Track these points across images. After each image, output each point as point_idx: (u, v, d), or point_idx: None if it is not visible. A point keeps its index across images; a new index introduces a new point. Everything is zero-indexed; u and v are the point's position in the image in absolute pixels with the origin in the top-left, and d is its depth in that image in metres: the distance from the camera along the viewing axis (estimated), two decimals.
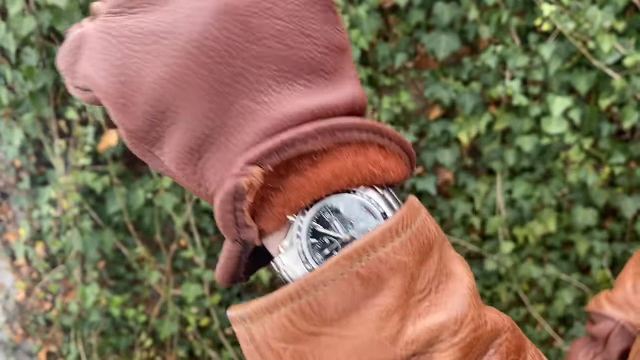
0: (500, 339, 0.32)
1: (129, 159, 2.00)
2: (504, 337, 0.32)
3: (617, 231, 1.79)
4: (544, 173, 1.81)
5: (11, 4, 1.64)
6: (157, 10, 0.30)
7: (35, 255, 2.03)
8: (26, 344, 2.23)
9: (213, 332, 2.03)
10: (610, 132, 1.71)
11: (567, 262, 1.84)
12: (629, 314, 0.77)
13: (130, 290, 2.07)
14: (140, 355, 2.05)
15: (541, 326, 1.86)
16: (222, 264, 0.33)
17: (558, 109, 1.62)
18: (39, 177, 2.03)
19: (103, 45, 0.31)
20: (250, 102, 0.30)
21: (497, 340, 0.32)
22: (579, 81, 1.66)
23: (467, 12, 1.66)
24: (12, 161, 2.03)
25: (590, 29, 1.56)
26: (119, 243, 1.98)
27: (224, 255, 0.33)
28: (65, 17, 1.63)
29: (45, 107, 1.80)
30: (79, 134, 1.77)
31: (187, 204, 1.90)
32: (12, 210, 2.12)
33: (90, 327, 1.98)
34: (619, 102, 1.65)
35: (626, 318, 0.77)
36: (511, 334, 0.33)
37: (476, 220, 1.84)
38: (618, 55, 1.58)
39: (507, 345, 0.32)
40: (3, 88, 1.80)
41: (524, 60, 1.66)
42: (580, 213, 1.75)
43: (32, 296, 2.15)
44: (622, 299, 0.78)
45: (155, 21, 0.30)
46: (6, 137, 1.84)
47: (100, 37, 0.32)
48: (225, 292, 2.05)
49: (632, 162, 1.75)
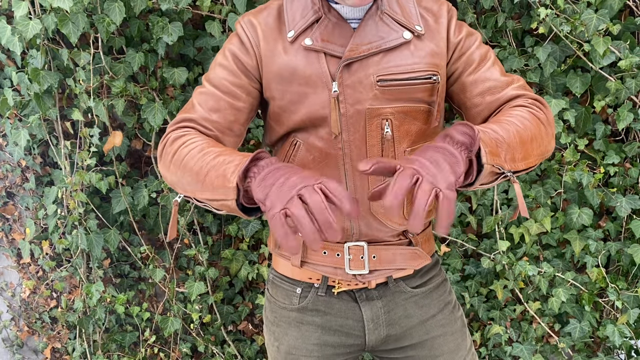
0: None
1: (133, 159, 2.03)
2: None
3: (612, 230, 1.81)
4: (540, 173, 1.84)
5: (17, 7, 1.67)
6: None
7: (40, 254, 2.06)
8: (31, 340, 2.26)
9: (216, 328, 2.06)
10: (604, 132, 1.73)
11: (562, 261, 1.87)
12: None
13: (134, 287, 2.10)
14: (144, 351, 2.08)
15: (537, 323, 1.89)
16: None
17: (553, 110, 1.64)
18: (45, 177, 2.06)
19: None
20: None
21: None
22: (574, 83, 1.69)
23: (464, 15, 1.69)
24: (18, 161, 2.06)
25: (586, 32, 1.59)
26: (124, 241, 2.01)
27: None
28: (70, 20, 1.66)
29: (50, 109, 1.82)
30: (84, 135, 1.80)
31: (191, 203, 1.92)
32: (18, 209, 2.15)
33: (95, 324, 2.01)
34: (614, 103, 1.67)
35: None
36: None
37: (473, 219, 1.87)
38: (613, 57, 1.61)
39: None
40: (9, 90, 1.82)
41: (520, 62, 1.69)
42: (575, 212, 1.78)
43: (38, 294, 2.17)
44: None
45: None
46: (12, 138, 1.87)
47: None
48: (228, 289, 2.08)
49: (626, 162, 1.78)
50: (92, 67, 1.74)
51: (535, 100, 1.03)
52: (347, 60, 0.99)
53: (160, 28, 1.71)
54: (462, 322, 1.20)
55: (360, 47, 0.99)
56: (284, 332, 1.17)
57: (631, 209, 1.73)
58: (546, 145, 1.00)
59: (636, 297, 1.77)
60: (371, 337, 1.14)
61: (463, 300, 1.93)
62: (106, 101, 1.78)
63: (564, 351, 1.87)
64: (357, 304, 1.13)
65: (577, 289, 1.81)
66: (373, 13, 1.03)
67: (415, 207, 0.73)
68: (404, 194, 0.74)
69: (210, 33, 1.77)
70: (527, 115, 0.98)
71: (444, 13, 1.06)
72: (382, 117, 1.01)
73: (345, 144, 1.02)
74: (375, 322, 1.13)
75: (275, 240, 1.18)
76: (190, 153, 0.95)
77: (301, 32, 1.02)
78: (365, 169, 0.79)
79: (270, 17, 1.06)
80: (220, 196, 0.85)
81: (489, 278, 1.91)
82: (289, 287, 1.16)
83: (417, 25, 1.03)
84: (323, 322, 1.14)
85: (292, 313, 1.16)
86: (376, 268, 1.09)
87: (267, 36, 1.04)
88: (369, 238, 1.08)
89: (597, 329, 1.84)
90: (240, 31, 1.06)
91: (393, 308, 1.13)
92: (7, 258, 2.18)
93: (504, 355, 1.90)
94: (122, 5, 1.67)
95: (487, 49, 1.08)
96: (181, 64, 1.87)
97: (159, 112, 1.79)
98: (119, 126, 1.97)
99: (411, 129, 1.03)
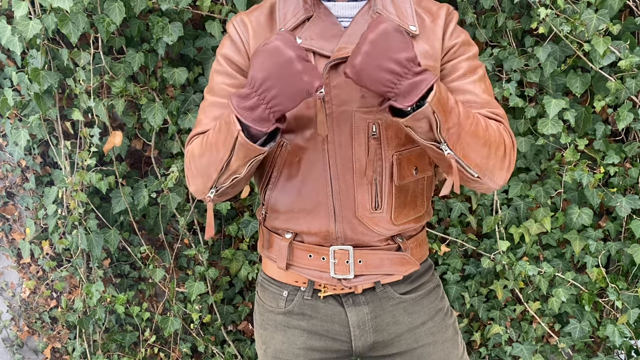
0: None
1: (133, 159, 2.03)
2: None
3: (612, 230, 1.81)
4: (540, 173, 1.84)
5: (17, 7, 1.67)
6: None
7: (40, 254, 2.06)
8: (31, 340, 2.26)
9: (216, 328, 2.06)
10: (604, 132, 1.73)
11: (562, 261, 1.87)
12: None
13: (134, 287, 2.10)
14: (144, 351, 2.08)
15: (537, 323, 1.89)
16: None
17: (553, 110, 1.64)
18: (45, 177, 2.06)
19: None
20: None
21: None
22: (574, 83, 1.69)
23: (464, 15, 1.69)
24: (18, 161, 2.06)
25: (586, 32, 1.59)
26: (124, 241, 2.01)
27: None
28: (70, 20, 1.66)
29: (50, 109, 1.82)
30: (84, 135, 1.80)
31: (190, 203, 1.93)
32: (18, 209, 2.15)
33: (95, 324, 2.01)
34: (614, 103, 1.67)
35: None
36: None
37: (473, 219, 1.87)
38: (613, 57, 1.61)
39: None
40: (9, 90, 1.82)
41: (520, 62, 1.69)
42: (575, 212, 1.78)
43: (38, 294, 2.18)
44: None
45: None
46: (12, 138, 1.87)
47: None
48: (228, 289, 2.08)
49: (626, 162, 1.78)
50: (92, 67, 1.74)
51: (509, 135, 1.02)
52: (333, 60, 0.98)
53: (161, 28, 1.71)
54: (454, 330, 1.17)
55: (349, 47, 0.98)
56: (270, 335, 1.16)
57: (631, 209, 1.73)
58: (494, 168, 0.97)
59: (636, 297, 1.77)
60: (357, 342, 1.12)
61: (463, 300, 1.93)
62: (106, 101, 1.78)
63: (564, 351, 1.87)
64: (343, 309, 1.11)
65: (577, 289, 1.81)
66: (365, 12, 1.02)
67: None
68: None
69: (210, 33, 1.77)
70: (496, 128, 0.98)
71: (442, 14, 1.05)
72: (369, 120, 0.99)
73: (330, 146, 1.01)
74: (361, 328, 1.11)
75: (263, 241, 1.16)
76: (197, 144, 1.01)
77: (291, 31, 1.01)
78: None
79: (262, 15, 1.06)
80: (230, 140, 0.90)
81: (489, 278, 1.91)
82: (276, 289, 1.15)
83: (411, 25, 1.01)
84: (309, 326, 1.12)
85: (278, 317, 1.14)
86: (362, 273, 1.07)
87: (257, 34, 1.04)
88: (354, 242, 1.06)
89: (597, 329, 1.85)
90: (232, 30, 1.06)
91: (380, 314, 1.11)
92: (7, 258, 2.18)
93: (504, 355, 1.90)
94: (122, 5, 1.67)
95: (479, 65, 1.06)
96: (181, 64, 1.87)
97: (159, 112, 1.79)
98: (119, 126, 1.97)
99: (400, 131, 1.01)
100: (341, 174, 1.02)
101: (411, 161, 1.04)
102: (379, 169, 1.02)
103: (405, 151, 1.03)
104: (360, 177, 1.02)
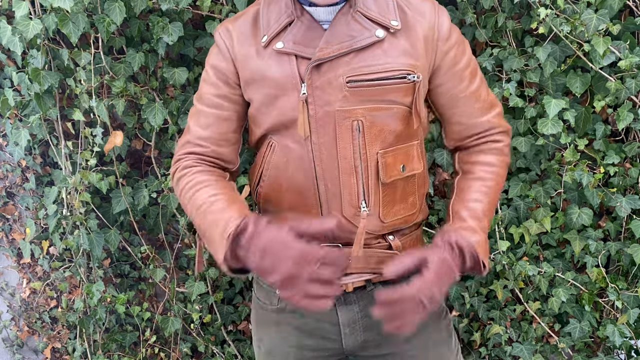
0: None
1: (134, 159, 2.03)
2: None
3: (612, 230, 1.82)
4: (540, 173, 1.84)
5: (17, 7, 1.67)
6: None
7: (41, 254, 2.06)
8: (31, 340, 2.26)
9: (216, 328, 2.06)
10: (604, 132, 1.73)
11: (562, 261, 1.87)
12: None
13: (134, 287, 2.10)
14: (144, 351, 2.08)
15: (537, 323, 1.89)
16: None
17: (553, 110, 1.65)
18: (45, 177, 2.06)
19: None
20: None
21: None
22: (573, 83, 1.69)
23: (464, 15, 1.69)
24: (18, 161, 2.06)
25: (586, 32, 1.59)
26: (124, 241, 2.01)
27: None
28: (70, 20, 1.66)
29: (50, 109, 1.82)
30: (86, 135, 1.80)
31: None
32: (18, 209, 2.15)
33: (95, 324, 2.01)
34: (614, 103, 1.67)
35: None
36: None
37: None
38: (613, 57, 1.61)
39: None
40: (9, 90, 1.83)
41: (520, 62, 1.69)
42: (575, 212, 1.78)
43: (38, 294, 2.18)
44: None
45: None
46: (12, 138, 1.87)
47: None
48: (228, 289, 2.08)
49: (626, 162, 1.78)
50: (93, 67, 1.75)
51: (506, 134, 1.13)
52: (315, 61, 0.98)
53: (161, 28, 1.71)
54: (447, 332, 1.17)
55: (330, 47, 0.98)
56: (264, 332, 1.17)
57: (631, 209, 1.73)
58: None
59: (636, 297, 1.77)
60: (348, 341, 1.12)
61: (463, 300, 1.93)
62: (106, 101, 1.78)
63: (564, 351, 1.87)
64: (334, 308, 1.11)
65: (577, 289, 1.81)
66: (345, 12, 1.01)
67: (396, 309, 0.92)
68: (402, 299, 0.93)
69: (210, 33, 1.77)
70: (501, 171, 1.13)
71: (425, 11, 1.04)
72: (352, 119, 1.00)
73: (315, 146, 1.02)
74: (351, 327, 1.11)
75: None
76: (187, 196, 1.07)
77: (274, 36, 1.02)
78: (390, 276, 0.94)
79: (246, 22, 1.07)
80: (212, 250, 0.99)
81: (489, 278, 1.91)
82: (269, 286, 1.16)
83: (392, 20, 1.01)
84: (300, 324, 1.13)
85: (272, 314, 1.15)
86: (352, 271, 1.07)
87: (241, 41, 1.05)
88: (343, 240, 1.06)
89: (597, 329, 1.85)
90: (218, 39, 1.09)
91: (371, 313, 1.10)
92: (7, 258, 2.19)
93: (504, 355, 1.90)
94: (123, 5, 1.67)
95: (474, 63, 1.10)
96: (181, 64, 1.87)
97: (159, 112, 1.80)
98: (119, 126, 1.97)
99: (384, 130, 1.02)
100: (327, 173, 1.03)
101: (397, 158, 1.05)
102: (364, 166, 1.03)
103: (391, 149, 1.04)
104: (346, 176, 1.03)
